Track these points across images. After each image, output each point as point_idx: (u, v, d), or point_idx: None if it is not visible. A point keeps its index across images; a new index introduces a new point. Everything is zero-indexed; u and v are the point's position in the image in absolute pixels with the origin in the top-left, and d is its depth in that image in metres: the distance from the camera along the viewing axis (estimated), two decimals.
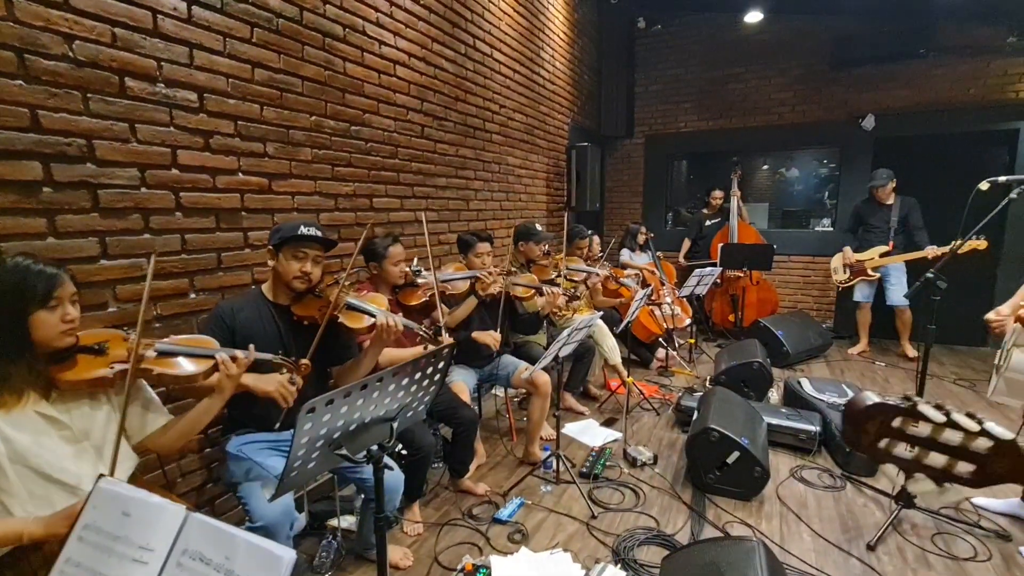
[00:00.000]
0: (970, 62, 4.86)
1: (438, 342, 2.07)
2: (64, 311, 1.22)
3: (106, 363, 1.28)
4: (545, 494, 2.62)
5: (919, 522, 2.34)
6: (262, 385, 1.61)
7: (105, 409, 1.32)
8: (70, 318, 1.23)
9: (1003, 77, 4.81)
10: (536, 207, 4.84)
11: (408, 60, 3.02)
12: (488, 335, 2.71)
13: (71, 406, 1.25)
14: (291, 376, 1.64)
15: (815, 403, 3.27)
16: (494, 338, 2.70)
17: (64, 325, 1.22)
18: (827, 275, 5.74)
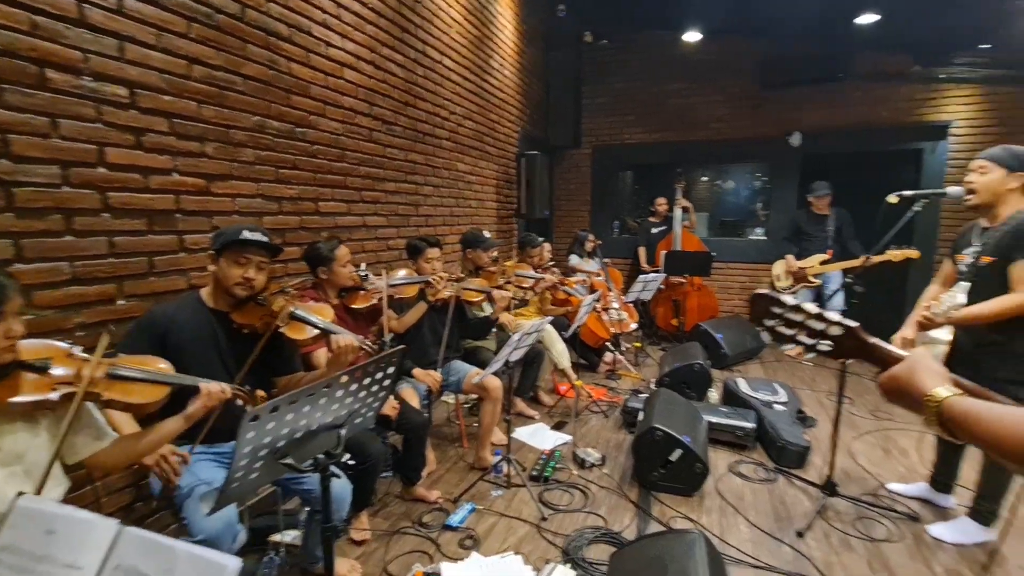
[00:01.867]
0: (882, 87, 5.33)
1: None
2: (7, 326, 1.10)
3: (50, 385, 1.16)
4: (496, 498, 2.63)
5: (842, 509, 2.53)
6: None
7: (43, 431, 1.20)
8: (13, 334, 1.11)
9: (910, 102, 5.31)
10: (486, 213, 4.87)
11: (356, 63, 2.98)
12: (428, 376, 2.67)
13: (3, 428, 1.14)
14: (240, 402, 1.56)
15: (751, 401, 3.46)
16: (434, 379, 2.67)
17: (5, 341, 1.10)
18: (761, 281, 6.10)
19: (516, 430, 3.35)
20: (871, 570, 2.12)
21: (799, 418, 3.44)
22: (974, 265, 2.15)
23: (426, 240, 2.92)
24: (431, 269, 2.87)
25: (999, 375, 2.04)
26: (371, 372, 1.24)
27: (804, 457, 2.97)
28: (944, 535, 2.30)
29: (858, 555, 2.21)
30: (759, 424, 3.20)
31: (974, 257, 2.15)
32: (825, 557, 2.19)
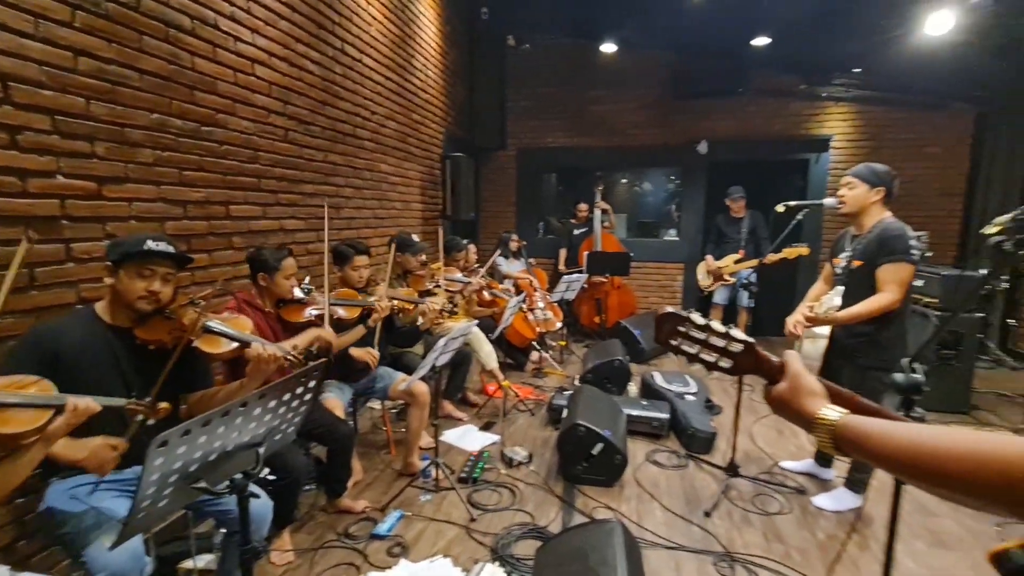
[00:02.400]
0: (775, 102, 5.88)
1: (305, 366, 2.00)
2: None
3: None
4: (425, 503, 2.63)
5: (743, 488, 2.79)
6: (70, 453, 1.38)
7: None
8: None
9: (798, 117, 5.90)
10: (411, 215, 4.82)
11: (269, 59, 2.85)
12: (367, 352, 2.65)
13: None
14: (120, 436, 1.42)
15: (665, 393, 3.71)
16: (372, 355, 2.65)
17: None
18: (675, 279, 6.52)
19: (445, 433, 3.36)
20: (766, 540, 2.36)
21: (707, 407, 3.73)
22: (847, 268, 2.45)
23: (354, 246, 2.85)
24: (358, 277, 2.81)
25: (866, 362, 2.36)
26: (291, 387, 1.21)
27: (711, 443, 3.23)
28: (825, 504, 2.61)
29: (755, 529, 2.45)
30: (672, 414, 3.44)
31: (847, 261, 2.46)
32: (728, 533, 2.41)
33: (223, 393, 1.78)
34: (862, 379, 2.38)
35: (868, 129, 5.75)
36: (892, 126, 5.69)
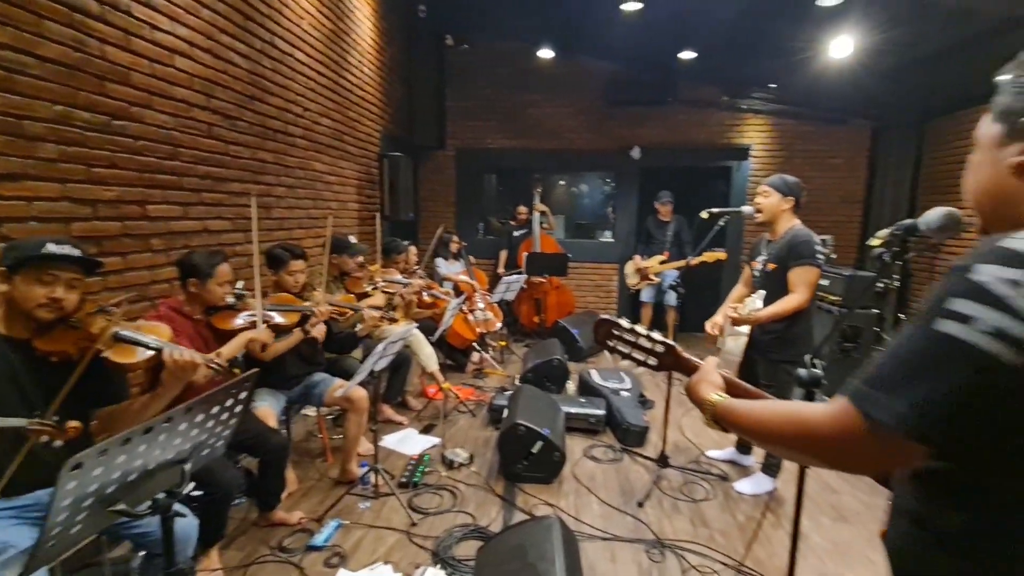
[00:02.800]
0: (700, 112, 6.23)
1: (231, 374, 1.91)
2: None
3: None
4: (364, 511, 2.59)
5: (672, 477, 2.96)
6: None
7: None
8: None
9: (721, 127, 6.29)
10: (348, 215, 4.69)
11: (190, 50, 2.68)
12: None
13: None
14: None
15: (601, 390, 3.85)
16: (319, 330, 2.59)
17: None
18: (611, 279, 6.75)
19: (384, 438, 3.31)
20: (693, 526, 2.52)
21: (640, 401, 3.91)
22: (764, 271, 2.66)
23: (290, 250, 2.74)
24: (293, 282, 2.71)
25: (777, 357, 2.58)
26: (220, 399, 1.17)
27: (644, 436, 3.40)
28: (744, 488, 2.83)
29: (684, 515, 2.61)
30: (608, 410, 3.57)
31: (763, 264, 2.67)
32: (659, 521, 2.55)
33: (137, 405, 1.66)
34: (774, 372, 2.60)
35: (782, 140, 6.23)
36: (802, 138, 6.20)
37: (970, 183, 0.73)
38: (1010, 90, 0.66)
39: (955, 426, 0.57)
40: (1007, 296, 0.54)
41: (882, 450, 0.61)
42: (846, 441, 0.64)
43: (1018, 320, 0.53)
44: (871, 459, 0.65)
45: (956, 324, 0.56)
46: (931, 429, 0.58)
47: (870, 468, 0.71)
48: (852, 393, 0.64)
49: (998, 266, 0.56)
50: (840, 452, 0.66)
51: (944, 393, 0.56)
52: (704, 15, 4.53)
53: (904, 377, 0.59)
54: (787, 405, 0.76)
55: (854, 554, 2.36)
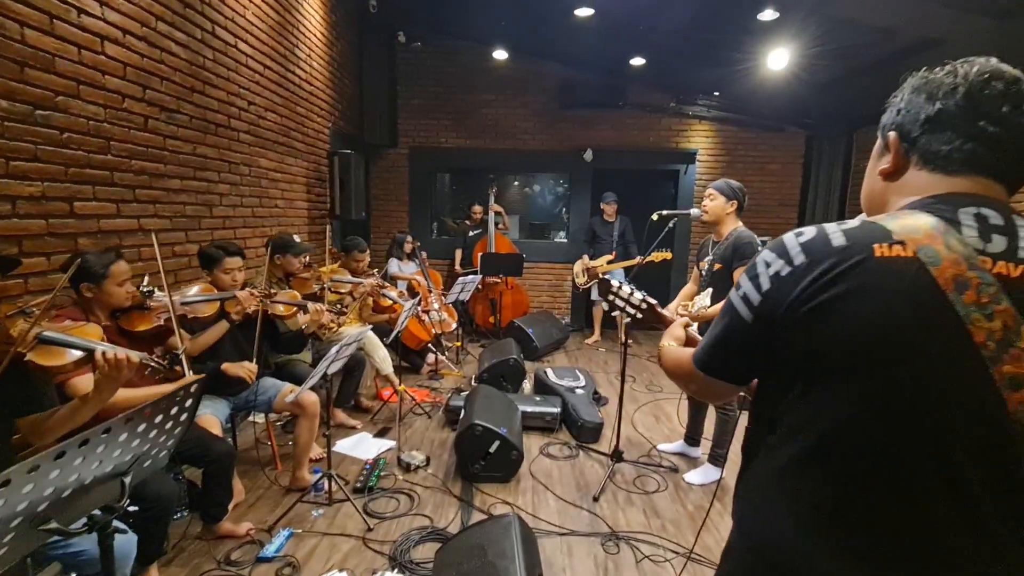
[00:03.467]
0: (650, 117, 6.44)
1: (175, 373, 1.81)
2: None
3: None
4: (317, 518, 2.51)
5: (626, 471, 3.04)
6: None
7: None
8: None
9: (669, 131, 6.51)
10: (296, 214, 4.54)
11: (123, 37, 2.51)
12: (241, 367, 2.45)
13: None
14: None
15: (557, 388, 3.91)
16: (248, 370, 2.46)
17: None
18: (565, 279, 6.86)
19: (337, 443, 3.23)
20: (645, 517, 2.60)
21: (595, 398, 4.00)
22: (710, 271, 2.78)
23: (224, 248, 2.62)
24: (231, 281, 2.58)
25: None
26: (164, 407, 1.11)
27: (599, 432, 3.47)
28: (693, 479, 2.95)
29: (637, 508, 2.69)
30: (564, 408, 3.63)
31: (709, 264, 2.79)
32: (613, 514, 2.62)
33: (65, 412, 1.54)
34: None
35: (725, 146, 6.53)
36: (743, 144, 6.52)
37: (862, 190, 0.88)
38: (888, 109, 0.81)
39: (717, 361, 0.84)
40: (758, 273, 0.76)
41: (701, 382, 0.87)
42: (693, 374, 0.88)
43: (755, 289, 0.75)
44: (704, 387, 0.89)
45: (734, 291, 0.80)
46: (705, 362, 0.85)
47: (711, 395, 0.95)
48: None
49: (768, 251, 0.77)
50: (690, 382, 0.92)
51: (715, 338, 0.83)
52: (653, 24, 4.68)
53: (709, 329, 0.85)
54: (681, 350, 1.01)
55: None
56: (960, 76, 0.71)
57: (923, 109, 0.74)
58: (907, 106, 0.76)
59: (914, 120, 0.75)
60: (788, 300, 0.71)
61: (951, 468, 0.65)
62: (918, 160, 0.75)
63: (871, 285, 0.66)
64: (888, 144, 0.79)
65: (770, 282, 0.73)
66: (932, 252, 0.65)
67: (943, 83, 0.73)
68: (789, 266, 0.72)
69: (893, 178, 0.79)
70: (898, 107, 0.78)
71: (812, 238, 0.73)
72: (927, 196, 0.73)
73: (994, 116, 0.69)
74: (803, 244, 0.73)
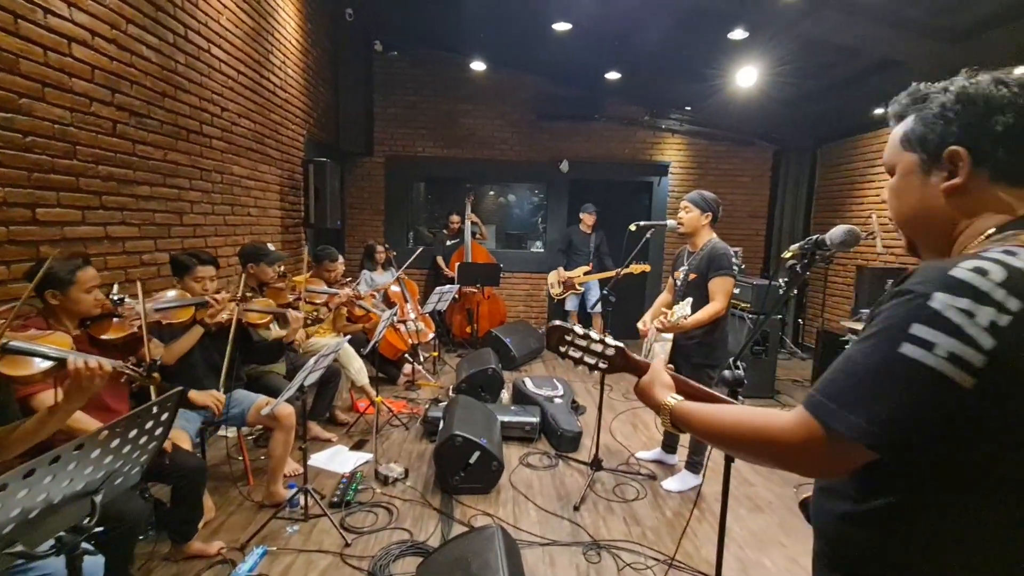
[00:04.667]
0: (625, 129, 6.57)
1: (152, 380, 1.74)
2: None
3: None
4: (292, 535, 2.44)
5: (606, 480, 3.06)
6: None
7: None
8: None
9: (644, 144, 6.66)
10: (269, 223, 4.45)
11: (91, 39, 2.44)
12: (209, 395, 2.39)
13: None
14: None
15: (535, 398, 3.91)
16: (216, 399, 2.39)
17: None
18: (541, 288, 6.89)
19: (313, 456, 3.15)
20: (626, 526, 2.62)
21: (573, 407, 4.01)
22: (686, 280, 2.84)
23: (196, 256, 2.54)
24: (202, 290, 2.51)
25: (699, 361, 2.75)
26: (139, 422, 1.07)
27: (578, 441, 3.48)
28: (672, 486, 2.98)
29: (617, 516, 2.70)
30: (543, 417, 3.63)
31: (685, 274, 2.85)
32: (594, 523, 2.62)
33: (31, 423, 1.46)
34: (697, 375, 2.76)
35: (697, 159, 6.71)
36: (715, 157, 6.70)
37: (897, 207, 0.81)
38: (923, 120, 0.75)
39: (910, 439, 0.64)
40: (961, 324, 0.60)
41: (839, 457, 0.68)
42: (807, 449, 0.70)
43: (970, 346, 0.60)
44: (829, 465, 0.71)
45: (918, 349, 0.62)
46: (889, 441, 0.64)
47: (827, 472, 0.77)
48: (814, 406, 0.69)
49: (950, 295, 0.62)
50: (801, 458, 0.73)
51: (906, 410, 0.63)
52: (628, 39, 4.80)
53: (866, 393, 0.65)
54: (746, 412, 0.81)
55: (768, 540, 2.56)
56: (1016, 86, 0.69)
57: (992, 121, 0.70)
58: (960, 118, 0.71)
59: (983, 133, 0.70)
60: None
61: None
62: (994, 175, 0.71)
63: None
64: (947, 159, 0.72)
65: (991, 336, 0.60)
66: None
67: (1001, 94, 0.69)
68: (1006, 314, 0.60)
69: (960, 194, 0.73)
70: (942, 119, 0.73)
71: (1009, 276, 0.62)
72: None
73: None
74: (1004, 284, 0.61)
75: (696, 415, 0.90)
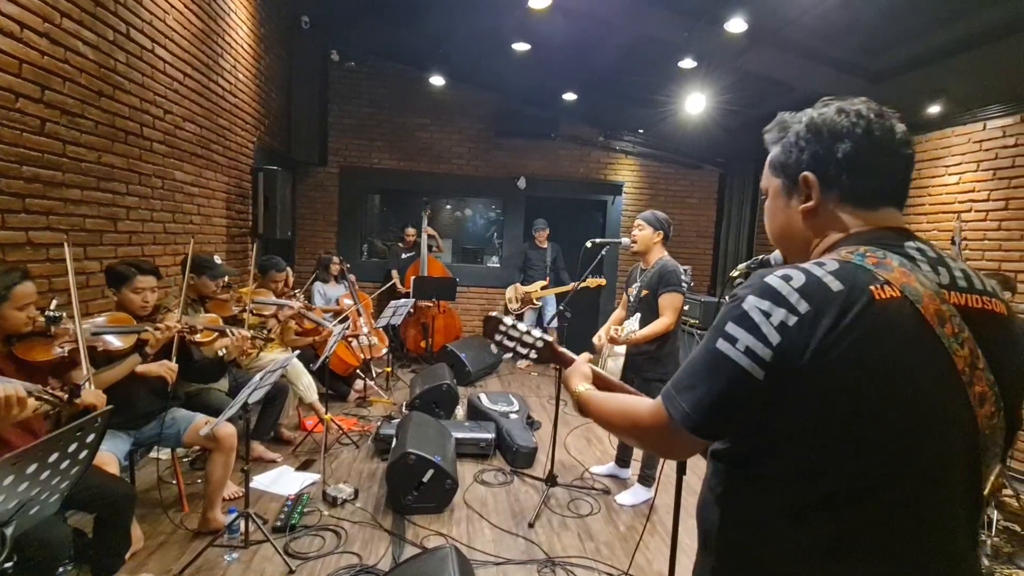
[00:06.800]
0: (580, 149, 6.73)
1: (75, 407, 1.60)
2: None
3: None
4: (231, 563, 2.29)
5: (560, 495, 3.05)
6: None
7: None
8: None
9: (599, 163, 6.84)
10: (213, 231, 4.25)
11: (20, 32, 2.27)
12: (162, 365, 2.26)
13: None
14: None
15: (490, 413, 3.87)
16: (168, 368, 2.25)
17: None
18: (497, 303, 6.89)
19: (255, 478, 2.98)
20: (580, 541, 2.62)
21: (528, 423, 4.00)
22: (638, 297, 2.92)
23: (136, 265, 2.38)
24: (141, 302, 2.35)
25: (648, 375, 2.82)
26: (61, 444, 0.98)
27: (533, 457, 3.47)
28: (625, 500, 3.02)
29: (571, 532, 2.70)
30: (498, 433, 3.60)
31: (637, 291, 2.93)
32: (549, 540, 2.61)
33: None
34: (648, 389, 2.82)
35: (649, 179, 6.95)
36: (665, 179, 6.97)
37: (769, 227, 0.89)
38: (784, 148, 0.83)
39: (717, 423, 0.74)
40: (759, 323, 0.69)
41: (679, 439, 0.77)
42: (659, 433, 0.80)
43: (761, 342, 0.69)
44: (675, 446, 0.81)
45: (726, 343, 0.71)
46: (700, 423, 0.74)
47: (678, 453, 0.87)
48: (663, 394, 0.79)
49: (757, 298, 0.71)
50: (656, 440, 0.84)
51: (714, 397, 0.72)
52: (584, 62, 4.95)
53: (690, 383, 0.75)
54: (624, 399, 0.92)
55: None
56: (854, 115, 0.76)
57: (834, 148, 0.76)
58: (810, 146, 0.78)
59: (828, 159, 0.77)
60: (808, 350, 0.67)
61: (947, 484, 0.71)
62: (839, 197, 0.78)
63: (880, 328, 0.67)
64: (802, 184, 0.80)
65: (778, 333, 0.68)
66: (913, 290, 0.69)
67: (842, 123, 0.76)
68: (794, 315, 0.68)
69: (813, 216, 0.80)
70: (796, 147, 0.79)
71: (806, 282, 0.69)
72: (860, 231, 0.76)
73: (894, 150, 0.76)
74: (800, 290, 0.69)
75: (592, 402, 0.99)
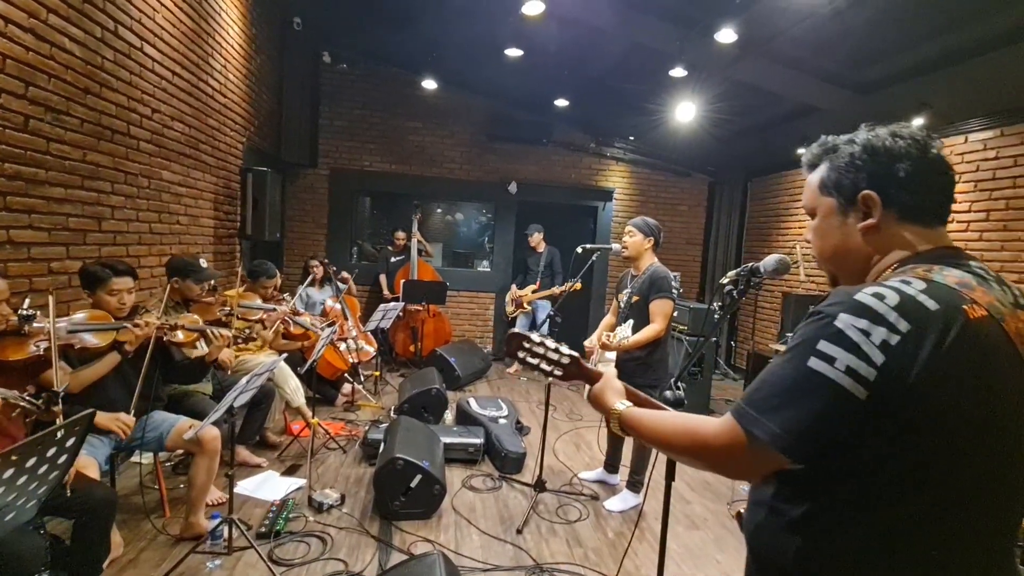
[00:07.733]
0: (572, 155, 6.76)
1: (51, 414, 1.56)
2: None
3: None
4: (213, 570, 2.25)
5: (549, 501, 3.04)
6: None
7: None
8: None
9: (590, 169, 6.87)
10: (201, 232, 4.19)
11: (4, 27, 2.23)
12: (116, 420, 2.16)
13: None
14: None
15: (480, 418, 3.85)
16: (123, 424, 2.18)
17: None
18: (487, 308, 6.88)
19: (240, 483, 2.93)
20: (568, 547, 2.61)
21: (517, 428, 3.99)
22: (629, 303, 2.93)
23: (112, 266, 2.33)
24: (117, 304, 2.29)
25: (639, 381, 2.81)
26: (40, 449, 0.95)
27: (522, 462, 3.46)
28: (613, 506, 3.01)
29: (560, 537, 2.69)
30: (487, 438, 3.58)
31: (628, 297, 2.94)
32: (537, 546, 2.60)
33: None
34: None
35: (639, 186, 7.00)
36: (655, 186, 7.02)
37: (820, 246, 0.89)
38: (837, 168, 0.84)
39: (815, 445, 0.70)
40: (859, 342, 0.68)
41: (758, 461, 0.75)
42: (732, 453, 0.77)
43: (864, 361, 0.67)
44: (751, 467, 0.79)
45: (822, 363, 0.69)
46: (796, 445, 0.71)
47: (750, 474, 0.83)
48: (738, 413, 0.76)
49: (852, 316, 0.69)
50: (726, 461, 0.80)
51: (812, 418, 0.70)
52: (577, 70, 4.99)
53: (780, 403, 0.72)
54: (683, 418, 0.90)
55: (704, 556, 2.63)
56: (909, 138, 0.80)
57: (893, 168, 0.79)
58: (867, 166, 0.81)
59: (888, 179, 0.79)
60: (914, 370, 0.66)
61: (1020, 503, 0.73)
62: (898, 216, 0.80)
63: (979, 347, 0.68)
64: (862, 202, 0.81)
65: (882, 353, 0.66)
66: (996, 309, 0.70)
67: (899, 144, 0.79)
68: (896, 334, 0.67)
69: (875, 233, 0.82)
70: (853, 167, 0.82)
71: (901, 301, 0.69)
72: (926, 250, 0.79)
73: (945, 171, 0.80)
74: (897, 308, 0.68)
75: (643, 421, 0.97)
